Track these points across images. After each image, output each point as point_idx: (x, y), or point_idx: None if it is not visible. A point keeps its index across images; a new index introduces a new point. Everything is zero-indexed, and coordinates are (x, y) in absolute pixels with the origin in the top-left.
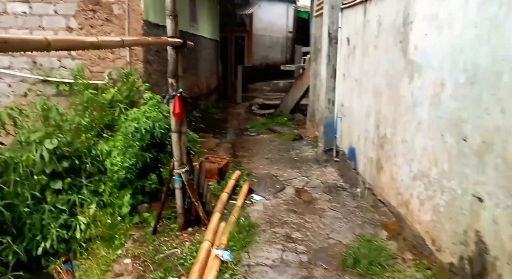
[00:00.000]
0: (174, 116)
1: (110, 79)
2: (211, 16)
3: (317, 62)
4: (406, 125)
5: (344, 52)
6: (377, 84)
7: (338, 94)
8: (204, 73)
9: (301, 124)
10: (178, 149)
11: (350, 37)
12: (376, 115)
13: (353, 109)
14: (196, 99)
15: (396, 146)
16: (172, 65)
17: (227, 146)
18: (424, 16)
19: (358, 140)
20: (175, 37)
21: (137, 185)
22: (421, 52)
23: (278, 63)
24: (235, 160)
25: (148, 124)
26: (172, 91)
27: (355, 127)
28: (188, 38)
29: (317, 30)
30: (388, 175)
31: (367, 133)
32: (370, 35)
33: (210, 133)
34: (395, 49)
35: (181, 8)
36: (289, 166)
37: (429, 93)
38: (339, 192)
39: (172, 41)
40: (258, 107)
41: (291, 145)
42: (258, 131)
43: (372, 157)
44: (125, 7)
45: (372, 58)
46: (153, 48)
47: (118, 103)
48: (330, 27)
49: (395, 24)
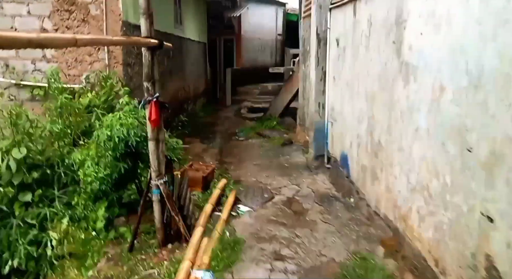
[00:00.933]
0: (151, 123)
1: (87, 82)
2: (198, 18)
3: (306, 65)
4: (402, 132)
5: (333, 54)
6: (370, 88)
7: (329, 97)
8: (191, 76)
9: (291, 128)
10: (156, 159)
11: (339, 38)
12: (369, 121)
13: (344, 113)
14: (183, 103)
15: (392, 155)
16: (147, 68)
17: (214, 152)
18: (419, 14)
19: (350, 146)
20: (150, 37)
21: (113, 197)
22: (417, 53)
23: (267, 66)
24: (222, 166)
25: (122, 131)
26: (147, 96)
27: (347, 133)
28: (173, 40)
29: (305, 32)
30: (384, 186)
31: (360, 140)
32: (360, 36)
33: (197, 138)
34: (388, 50)
35: (165, 10)
36: (278, 173)
37: (427, 98)
38: (332, 202)
39: (146, 41)
40: (247, 111)
41: (280, 150)
42: (247, 136)
43: (366, 166)
44: (102, 7)
45: (363, 60)
46: (134, 50)
47: (95, 108)
48: (319, 28)
49: (387, 23)
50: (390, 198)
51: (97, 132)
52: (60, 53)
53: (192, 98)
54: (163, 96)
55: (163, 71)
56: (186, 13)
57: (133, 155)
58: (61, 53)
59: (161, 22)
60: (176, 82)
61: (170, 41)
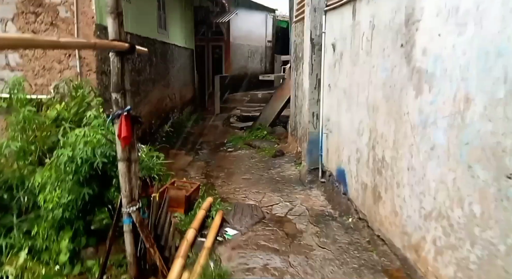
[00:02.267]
0: (120, 141)
1: (56, 93)
2: (184, 23)
3: (298, 72)
4: (413, 149)
5: (329, 60)
6: (372, 97)
7: (323, 107)
8: (177, 84)
9: (282, 138)
10: (127, 182)
11: (336, 43)
12: (371, 134)
13: (341, 124)
14: (168, 112)
15: (400, 174)
16: (116, 76)
17: (200, 165)
18: (437, 12)
19: (348, 161)
20: (119, 40)
21: (79, 225)
22: (433, 57)
23: (257, 73)
24: (208, 181)
25: (86, 151)
26: (117, 109)
27: (345, 146)
28: (156, 46)
29: (297, 37)
30: (389, 208)
31: (360, 154)
32: (361, 40)
33: (182, 150)
34: (395, 55)
35: (146, 13)
36: (269, 189)
37: (446, 111)
38: (328, 222)
39: (113, 44)
40: (236, 119)
41: (271, 162)
42: (236, 146)
43: (366, 183)
44: (73, 9)
45: (364, 66)
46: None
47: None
48: (313, 32)
49: (394, 25)
50: (397, 222)
51: (57, 152)
52: (26, 60)
53: (179, 107)
54: (145, 106)
55: (145, 79)
56: (171, 18)
57: (100, 178)
58: (27, 60)
59: (142, 26)
60: (160, 91)
61: (152, 46)
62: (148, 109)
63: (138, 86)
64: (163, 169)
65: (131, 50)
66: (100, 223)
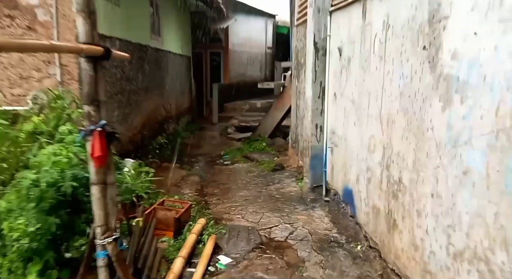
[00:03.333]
0: (94, 162)
1: (34, 104)
2: (180, 30)
3: (299, 79)
4: (439, 172)
5: (335, 67)
6: (386, 109)
7: (328, 118)
8: (173, 92)
9: (282, 150)
10: (102, 209)
11: (342, 47)
12: (384, 151)
13: (348, 138)
14: (163, 123)
15: (421, 201)
16: (88, 86)
17: (194, 180)
18: (473, 5)
19: (357, 180)
20: (90, 43)
21: (50, 257)
22: (467, 62)
23: (257, 81)
24: (202, 199)
25: (53, 174)
26: (89, 125)
27: (352, 163)
28: (149, 52)
29: (299, 41)
30: (407, 239)
31: (371, 173)
32: (372, 43)
33: (177, 163)
34: (415, 59)
35: (138, 18)
36: (268, 208)
37: (485, 128)
38: (334, 250)
39: (84, 48)
40: (234, 130)
41: (271, 177)
42: (233, 159)
43: (379, 207)
44: (52, 11)
45: (376, 73)
46: None
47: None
48: (316, 35)
49: (414, 24)
50: (417, 258)
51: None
52: (0, 67)
53: (174, 117)
54: (137, 116)
55: (137, 87)
56: (166, 24)
57: (70, 204)
58: (2, 68)
59: (132, 31)
60: (153, 100)
61: (145, 53)
62: (140, 119)
63: (129, 96)
64: (152, 187)
65: (106, 55)
66: (77, 250)
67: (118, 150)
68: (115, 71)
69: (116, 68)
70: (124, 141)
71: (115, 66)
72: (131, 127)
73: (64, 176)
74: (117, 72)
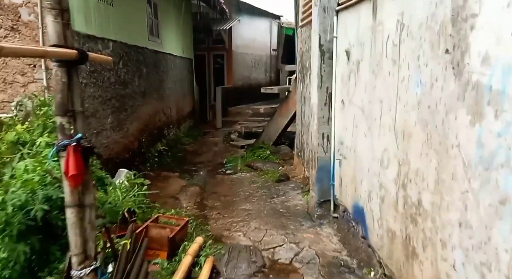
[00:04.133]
0: (68, 181)
1: (19, 111)
2: (181, 31)
3: (305, 84)
4: (468, 198)
5: (342, 71)
6: (401, 120)
7: (335, 127)
8: (173, 96)
9: (287, 159)
10: (79, 235)
11: (350, 50)
12: (400, 168)
13: (358, 150)
14: (162, 129)
15: (446, 229)
16: (60, 94)
17: (194, 191)
18: (508, 1)
19: (368, 197)
20: (63, 46)
21: None
22: (501, 67)
23: (261, 83)
24: (200, 213)
25: (21, 196)
26: (62, 139)
27: (363, 177)
28: (146, 55)
29: (303, 44)
30: (430, 272)
31: (385, 192)
32: (384, 45)
33: (176, 172)
34: (436, 64)
35: (134, 19)
36: (272, 224)
37: None
38: (344, 276)
39: (49, 52)
40: (237, 136)
41: (275, 189)
42: (236, 168)
43: (394, 231)
44: (37, 11)
45: (389, 79)
46: (86, 66)
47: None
48: (322, 37)
49: (435, 23)
50: None
51: None
52: None
53: (175, 122)
54: (133, 122)
55: (133, 92)
56: (166, 25)
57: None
58: None
59: (128, 33)
60: (152, 104)
61: (142, 55)
62: (137, 126)
63: (124, 101)
64: (146, 201)
65: (82, 59)
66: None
67: (111, 160)
68: (108, 75)
69: (109, 72)
70: (118, 150)
71: (108, 69)
72: (126, 134)
73: (35, 198)
74: (111, 76)
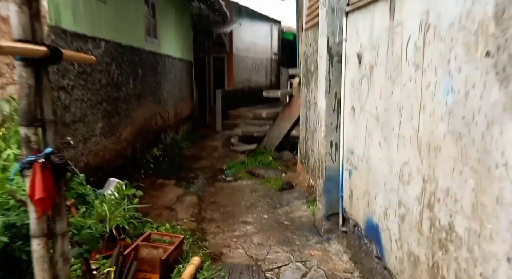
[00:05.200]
0: (35, 206)
1: None
2: (181, 33)
3: (309, 88)
4: None
5: (352, 75)
6: (426, 130)
7: (345, 135)
8: (171, 99)
9: (291, 165)
10: (48, 272)
11: (362, 53)
12: (425, 185)
13: (372, 161)
14: (159, 133)
15: (489, 263)
16: (26, 100)
17: (191, 201)
18: None
19: (385, 214)
20: (29, 41)
21: None
22: None
23: (262, 87)
24: (198, 227)
25: None
26: (27, 153)
27: (378, 192)
28: (142, 56)
29: (308, 47)
30: None
31: (405, 210)
32: (404, 47)
33: (172, 179)
34: (473, 69)
35: (132, 19)
36: (276, 239)
37: None
38: None
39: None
40: (238, 140)
41: (278, 198)
42: (236, 175)
43: (418, 256)
44: None
45: (410, 85)
46: (73, 67)
47: None
48: (330, 39)
49: (471, 22)
50: None
51: None
52: None
53: (173, 126)
54: (127, 127)
55: (127, 95)
56: (164, 26)
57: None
58: None
59: (123, 33)
60: (148, 108)
61: (138, 57)
62: (131, 130)
63: (117, 104)
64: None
65: (54, 58)
66: None
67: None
68: (99, 76)
69: (100, 73)
70: (110, 156)
71: (100, 71)
72: (119, 139)
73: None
74: (102, 78)
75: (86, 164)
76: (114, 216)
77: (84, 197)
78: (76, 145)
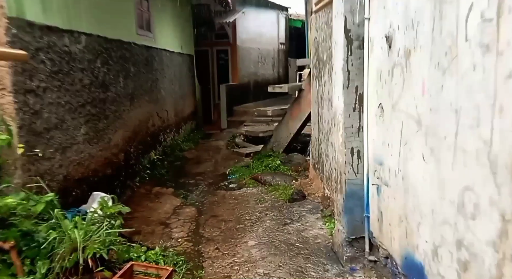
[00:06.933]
0: None
1: None
2: (180, 24)
3: (321, 81)
4: None
5: (380, 64)
6: (507, 144)
7: (371, 141)
8: (170, 97)
9: (301, 170)
10: None
11: (393, 34)
12: (507, 226)
13: (411, 178)
14: (157, 135)
15: None
16: None
17: (189, 214)
18: None
19: (433, 253)
20: None
21: None
22: None
23: (269, 79)
24: (194, 250)
25: None
26: None
27: (423, 221)
28: (135, 51)
29: (319, 32)
30: None
31: (470, 256)
32: (463, 23)
33: (170, 187)
34: None
35: (120, 10)
36: (286, 268)
37: None
38: None
39: None
40: (243, 140)
41: (288, 211)
42: (240, 181)
43: None
44: None
45: (474, 76)
46: (46, 66)
47: None
48: (348, 19)
49: None
50: None
51: None
52: None
53: (173, 125)
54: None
55: (116, 95)
56: (160, 18)
57: None
58: None
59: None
60: (143, 108)
61: (128, 52)
62: (123, 134)
63: (104, 106)
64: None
65: None
66: None
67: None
68: (80, 75)
69: (82, 72)
70: (97, 166)
71: (80, 69)
72: (108, 145)
73: None
74: (84, 77)
75: (65, 177)
76: (92, 242)
77: (32, 235)
78: (52, 156)
